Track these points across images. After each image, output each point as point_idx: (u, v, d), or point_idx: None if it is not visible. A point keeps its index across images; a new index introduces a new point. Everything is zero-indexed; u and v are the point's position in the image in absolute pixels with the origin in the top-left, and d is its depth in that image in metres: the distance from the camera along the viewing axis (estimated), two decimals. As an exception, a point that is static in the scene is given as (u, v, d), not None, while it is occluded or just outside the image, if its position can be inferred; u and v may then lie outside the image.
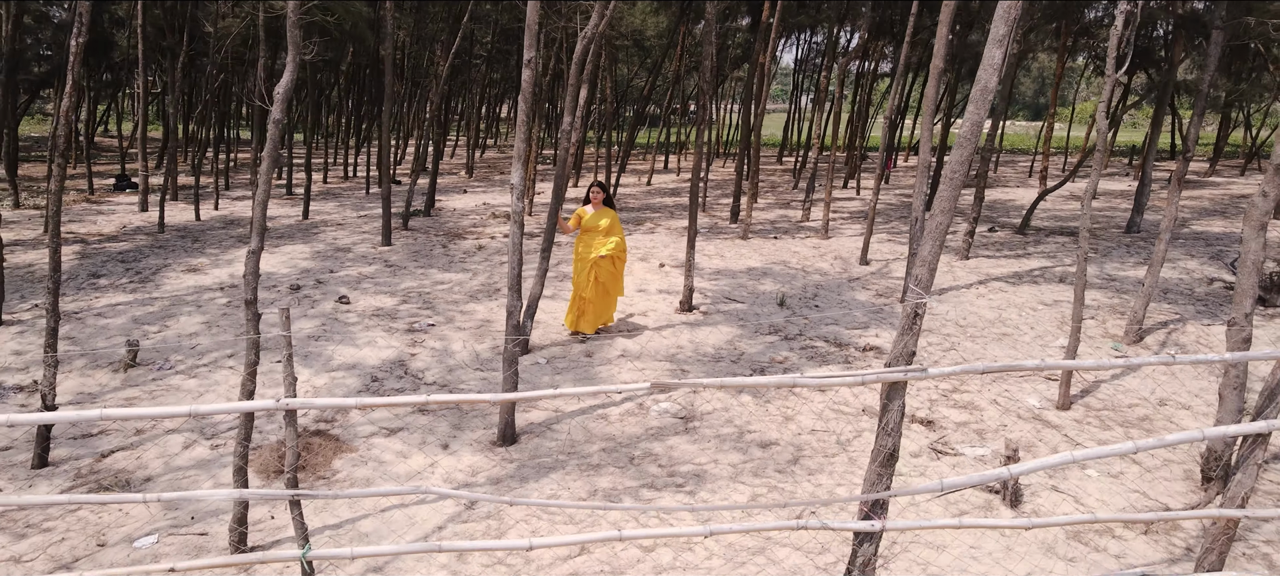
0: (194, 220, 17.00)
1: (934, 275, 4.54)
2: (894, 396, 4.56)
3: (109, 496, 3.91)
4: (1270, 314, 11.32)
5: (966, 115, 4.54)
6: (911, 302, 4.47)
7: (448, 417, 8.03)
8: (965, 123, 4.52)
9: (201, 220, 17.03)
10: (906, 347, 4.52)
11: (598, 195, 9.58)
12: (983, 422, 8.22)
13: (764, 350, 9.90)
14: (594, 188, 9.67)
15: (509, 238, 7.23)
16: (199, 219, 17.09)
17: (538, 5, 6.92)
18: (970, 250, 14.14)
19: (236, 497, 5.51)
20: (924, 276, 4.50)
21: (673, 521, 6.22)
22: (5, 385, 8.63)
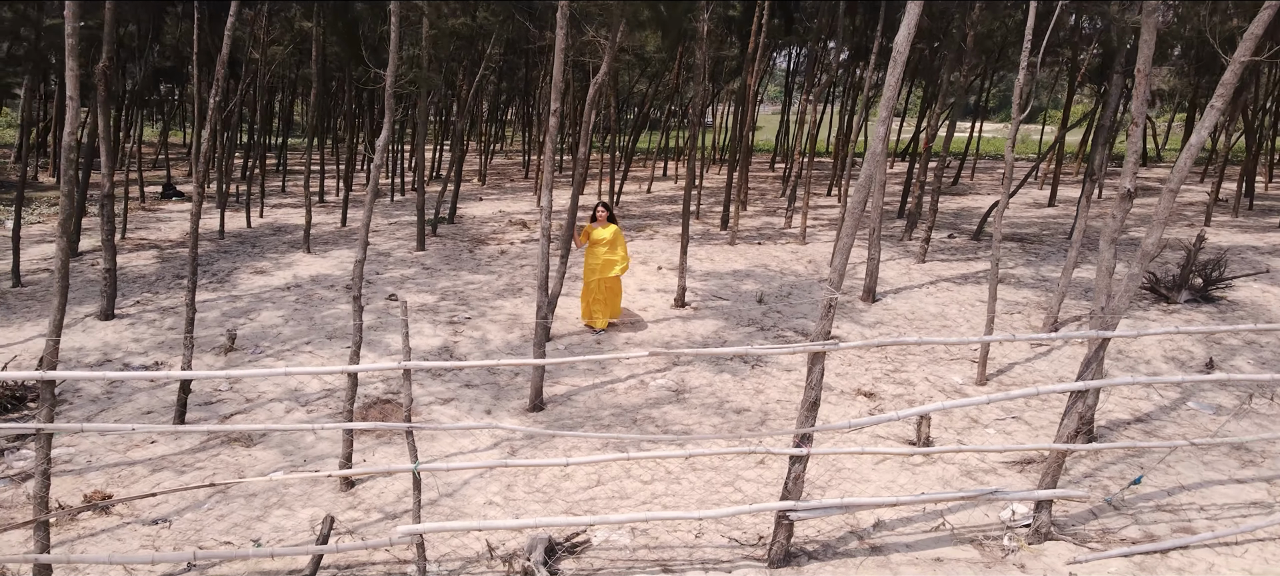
0: (246, 226, 19.00)
1: (843, 277, 6.53)
2: (815, 364, 6.56)
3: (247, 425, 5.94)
4: (1169, 309, 13.34)
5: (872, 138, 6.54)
6: (826, 297, 6.47)
7: (489, 391, 10.06)
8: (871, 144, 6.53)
9: (253, 227, 19.03)
10: (824, 329, 6.51)
11: (603, 215, 11.62)
12: (913, 395, 10.25)
13: (744, 338, 11.92)
14: (600, 208, 11.72)
15: (537, 244, 9.23)
16: (250, 226, 19.09)
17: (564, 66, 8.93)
18: (927, 255, 16.14)
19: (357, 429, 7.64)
20: (835, 278, 6.50)
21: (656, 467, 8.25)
22: (133, 365, 10.66)
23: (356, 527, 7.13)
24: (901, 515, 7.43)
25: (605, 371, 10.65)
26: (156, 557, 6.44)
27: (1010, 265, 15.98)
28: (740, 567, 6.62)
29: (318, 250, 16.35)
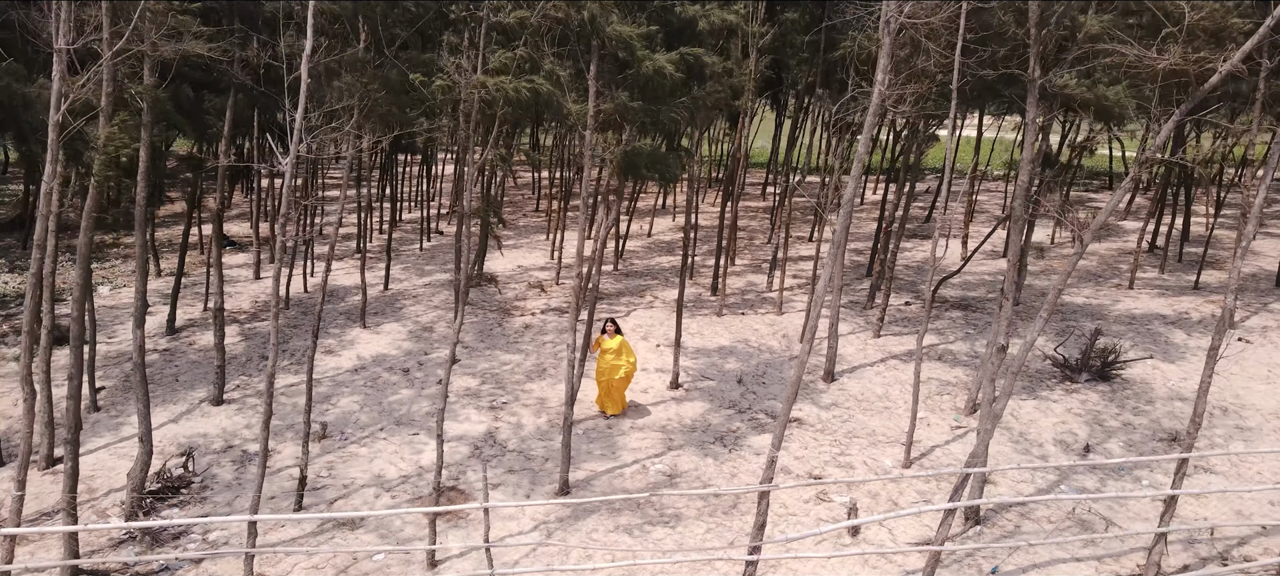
0: (302, 291, 21.88)
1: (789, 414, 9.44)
2: (762, 499, 9.47)
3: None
4: (1071, 389, 16.27)
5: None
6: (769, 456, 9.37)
7: (527, 476, 13.00)
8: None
9: (308, 291, 21.91)
10: (770, 472, 9.42)
11: (611, 328, 14.52)
12: (853, 476, 13.19)
13: (724, 421, 14.87)
14: (609, 323, 14.62)
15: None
16: (306, 290, 21.97)
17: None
18: (881, 329, 19.05)
19: (434, 512, 10.48)
20: (778, 435, 9.40)
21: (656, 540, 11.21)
22: (250, 452, 13.61)
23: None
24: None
25: (616, 457, 13.60)
26: (316, 630, 9.41)
27: (951, 339, 18.89)
28: (712, 634, 9.59)
29: (372, 324, 19.25)
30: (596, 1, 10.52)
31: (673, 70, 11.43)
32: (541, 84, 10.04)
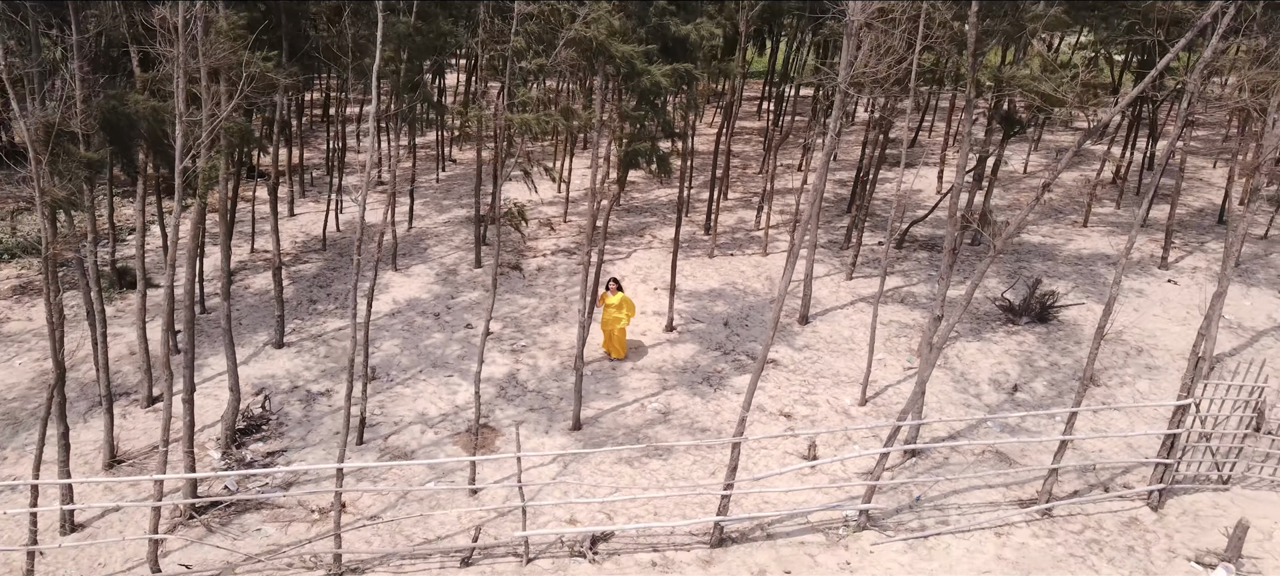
0: (335, 231, 24.12)
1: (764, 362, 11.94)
2: (735, 449, 12.04)
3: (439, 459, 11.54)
4: (1012, 331, 18.75)
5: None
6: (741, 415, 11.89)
7: (546, 414, 15.60)
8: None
9: (340, 231, 24.16)
10: (744, 410, 11.96)
11: (613, 287, 16.85)
12: (815, 415, 15.80)
13: (711, 362, 17.42)
14: (611, 282, 16.95)
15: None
16: (338, 229, 24.21)
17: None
18: (854, 271, 21.38)
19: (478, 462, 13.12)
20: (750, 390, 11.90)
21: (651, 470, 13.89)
22: (313, 392, 16.20)
23: (483, 521, 12.80)
24: (783, 514, 13.10)
25: (619, 397, 16.19)
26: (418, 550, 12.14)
27: (914, 281, 21.26)
28: (695, 548, 12.33)
29: (402, 266, 21.58)
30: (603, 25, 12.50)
31: (667, 82, 13.47)
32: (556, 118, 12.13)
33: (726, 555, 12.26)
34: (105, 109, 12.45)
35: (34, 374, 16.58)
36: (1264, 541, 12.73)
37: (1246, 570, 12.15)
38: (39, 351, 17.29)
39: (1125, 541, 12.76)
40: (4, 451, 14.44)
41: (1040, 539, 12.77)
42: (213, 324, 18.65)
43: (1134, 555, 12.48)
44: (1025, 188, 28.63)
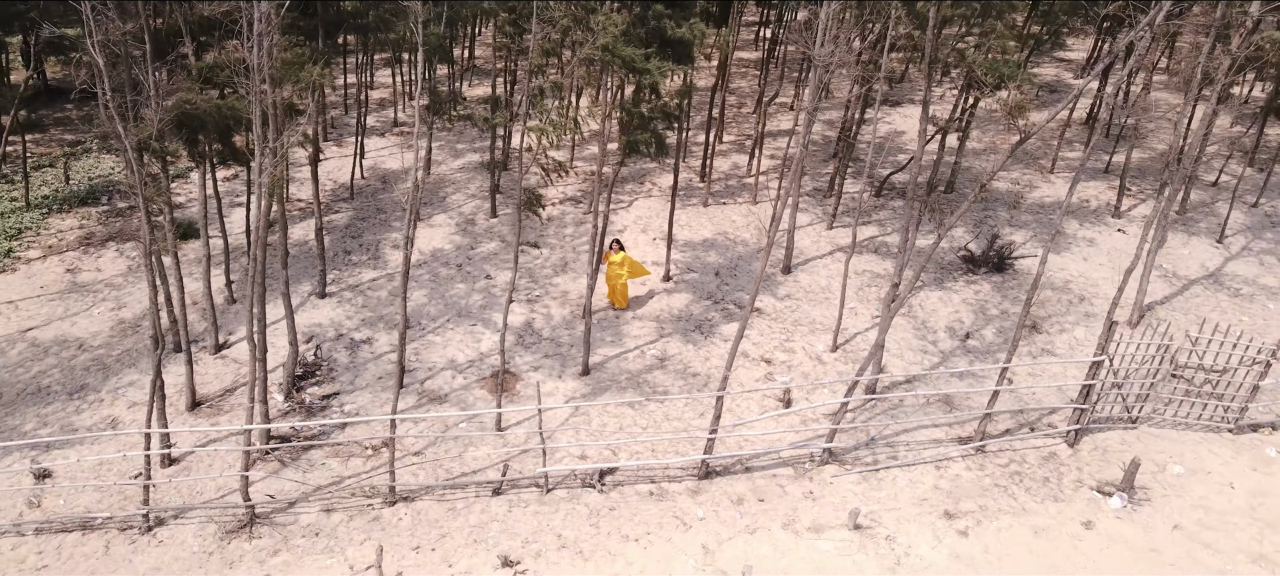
0: (360, 177, 26.12)
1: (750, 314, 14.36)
2: (719, 405, 14.49)
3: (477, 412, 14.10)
4: (971, 280, 21.03)
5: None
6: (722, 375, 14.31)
7: (558, 360, 18.04)
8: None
9: (365, 177, 26.18)
10: (728, 370, 14.40)
11: (615, 247, 19.04)
12: (795, 360, 18.24)
13: (703, 311, 19.77)
14: (614, 243, 19.13)
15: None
16: (362, 176, 26.22)
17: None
18: (834, 220, 23.51)
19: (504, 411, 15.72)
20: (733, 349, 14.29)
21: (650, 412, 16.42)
22: (356, 340, 18.61)
23: (509, 457, 15.37)
24: (760, 452, 15.66)
25: (622, 344, 18.61)
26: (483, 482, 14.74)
27: (890, 230, 23.41)
28: (685, 481, 14.94)
29: (425, 215, 23.72)
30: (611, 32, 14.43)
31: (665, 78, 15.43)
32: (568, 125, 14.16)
33: (711, 486, 14.87)
34: (180, 111, 14.47)
35: (112, 322, 18.98)
36: (1158, 473, 15.32)
37: (1138, 498, 14.76)
38: (112, 301, 19.65)
39: (1042, 473, 15.36)
40: (99, 393, 16.95)
41: (972, 471, 15.37)
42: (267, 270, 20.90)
43: (1048, 485, 15.09)
44: (1002, 130, 30.42)
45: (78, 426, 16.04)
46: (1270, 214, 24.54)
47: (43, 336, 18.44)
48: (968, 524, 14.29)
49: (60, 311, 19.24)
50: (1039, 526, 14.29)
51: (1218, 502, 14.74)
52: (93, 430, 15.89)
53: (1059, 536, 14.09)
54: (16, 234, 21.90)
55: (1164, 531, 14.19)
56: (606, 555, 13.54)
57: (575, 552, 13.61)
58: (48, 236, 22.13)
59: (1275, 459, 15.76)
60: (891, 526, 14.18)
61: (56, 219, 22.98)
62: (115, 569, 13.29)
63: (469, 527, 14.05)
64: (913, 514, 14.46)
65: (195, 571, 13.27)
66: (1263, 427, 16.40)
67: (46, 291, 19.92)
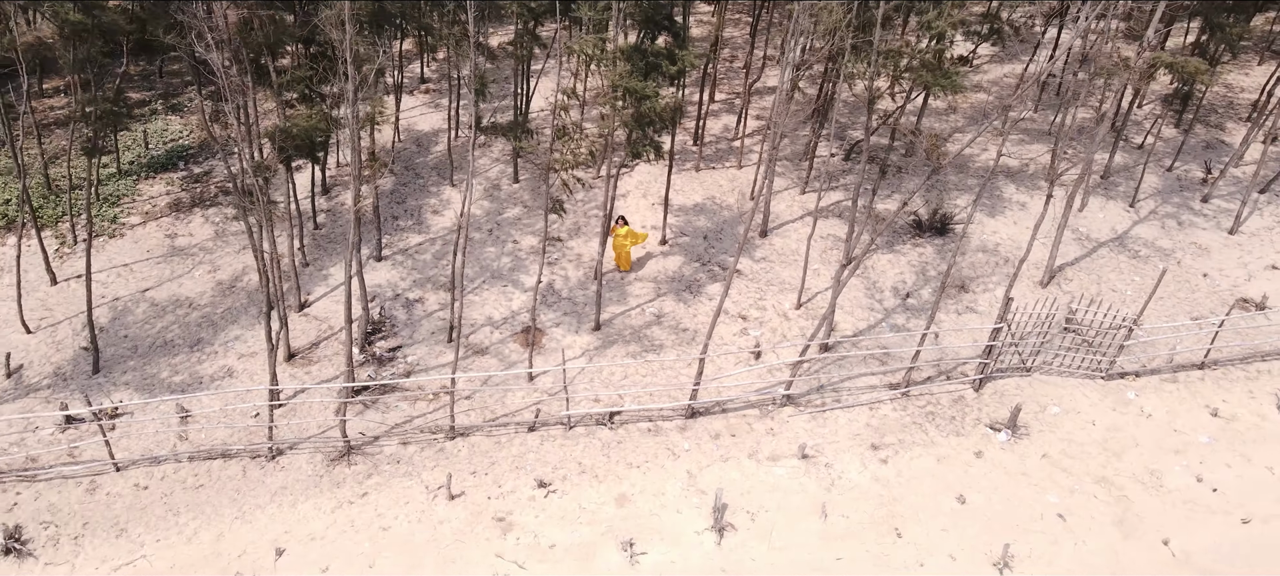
0: (398, 141, 29.85)
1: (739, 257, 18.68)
2: (700, 368, 18.85)
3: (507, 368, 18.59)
4: (917, 243, 25.10)
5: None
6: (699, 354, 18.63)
7: (575, 315, 22.34)
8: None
9: (402, 141, 29.90)
10: (708, 339, 18.74)
11: (620, 223, 23.05)
12: (766, 316, 22.55)
13: (692, 273, 23.96)
14: (619, 218, 23.12)
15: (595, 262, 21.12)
16: (400, 140, 29.93)
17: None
18: (807, 185, 27.38)
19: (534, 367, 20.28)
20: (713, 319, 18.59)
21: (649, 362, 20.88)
22: (410, 299, 22.89)
23: (540, 402, 19.85)
24: (734, 397, 20.13)
25: (626, 303, 22.88)
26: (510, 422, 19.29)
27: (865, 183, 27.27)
28: (675, 420, 19.47)
29: (457, 181, 27.61)
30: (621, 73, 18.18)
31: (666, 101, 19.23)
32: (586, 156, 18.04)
33: (695, 424, 19.40)
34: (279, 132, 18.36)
35: (211, 283, 23.21)
36: (1039, 413, 19.83)
37: (1020, 432, 19.28)
38: (208, 264, 23.81)
39: (950, 413, 19.87)
40: (213, 346, 21.34)
41: (897, 412, 19.87)
42: (326, 237, 25.06)
43: (953, 422, 19.63)
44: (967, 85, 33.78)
45: (202, 375, 20.50)
46: (1182, 177, 28.40)
47: (158, 296, 22.71)
48: (888, 454, 18.88)
49: (167, 273, 23.46)
50: (942, 455, 18.88)
51: (1080, 436, 19.29)
52: (214, 378, 20.37)
53: (955, 463, 18.69)
54: (116, 200, 25.90)
55: (1034, 459, 18.78)
56: (615, 478, 18.17)
57: (592, 476, 18.24)
58: (142, 203, 26.13)
59: (1133, 400, 20.25)
60: (830, 456, 18.77)
61: (145, 184, 26.90)
62: (253, 488, 17.95)
63: (512, 457, 18.65)
64: (847, 446, 19.03)
65: (312, 489, 17.93)
66: (1128, 375, 20.83)
67: (152, 255, 24.08)
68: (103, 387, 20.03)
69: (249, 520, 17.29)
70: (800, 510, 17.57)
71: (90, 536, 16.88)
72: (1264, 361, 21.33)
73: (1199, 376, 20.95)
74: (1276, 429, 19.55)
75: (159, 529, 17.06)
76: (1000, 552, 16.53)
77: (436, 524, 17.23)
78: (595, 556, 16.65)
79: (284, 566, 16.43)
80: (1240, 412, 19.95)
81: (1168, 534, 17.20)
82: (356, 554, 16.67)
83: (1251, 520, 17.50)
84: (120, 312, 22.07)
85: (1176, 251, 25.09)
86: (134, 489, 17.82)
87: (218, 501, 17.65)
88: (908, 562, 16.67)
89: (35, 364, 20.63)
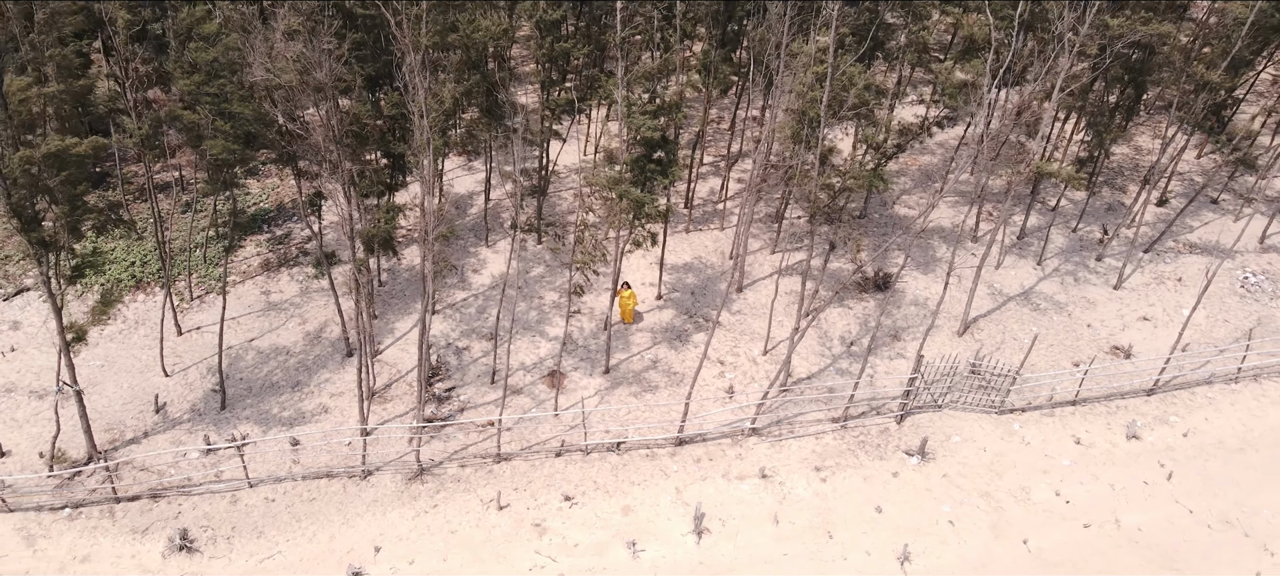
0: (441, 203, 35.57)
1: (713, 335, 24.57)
2: (686, 411, 24.71)
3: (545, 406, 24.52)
4: (862, 298, 30.86)
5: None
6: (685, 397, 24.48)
7: (589, 361, 28.18)
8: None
9: (441, 201, 35.60)
10: (692, 387, 24.59)
11: (625, 287, 28.80)
12: (738, 361, 28.39)
13: (681, 324, 29.78)
14: (624, 283, 28.88)
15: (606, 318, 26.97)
16: (441, 200, 35.64)
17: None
18: (777, 245, 33.08)
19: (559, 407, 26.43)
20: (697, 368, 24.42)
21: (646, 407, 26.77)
22: (459, 347, 28.71)
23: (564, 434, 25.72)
24: (711, 430, 25.99)
25: (629, 350, 28.71)
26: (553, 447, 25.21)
27: (816, 254, 33.07)
28: (667, 448, 25.33)
29: (492, 242, 33.34)
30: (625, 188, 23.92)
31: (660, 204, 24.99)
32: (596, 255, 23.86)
33: (682, 451, 25.27)
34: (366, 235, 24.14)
35: (301, 333, 29.02)
36: (944, 442, 25.68)
37: (928, 457, 25.12)
38: (298, 317, 29.62)
39: (876, 441, 25.72)
40: (309, 387, 27.16)
41: (836, 440, 25.72)
42: (389, 294, 30.87)
43: (878, 449, 25.47)
44: (915, 149, 39.50)
45: (303, 411, 26.35)
46: (1083, 237, 34.14)
47: (262, 345, 28.56)
48: (827, 474, 24.74)
49: (266, 326, 29.30)
50: (867, 475, 24.74)
51: (972, 460, 25.15)
52: (313, 414, 26.22)
53: (877, 481, 24.56)
54: (216, 262, 31.69)
55: (937, 478, 24.65)
56: (621, 493, 24.05)
57: (604, 491, 24.12)
58: (238, 263, 31.92)
59: (1017, 431, 26.09)
60: (784, 476, 24.63)
61: (238, 246, 32.70)
62: (352, 501, 23.84)
63: (544, 476, 24.52)
64: (796, 468, 24.89)
65: (396, 502, 23.81)
66: (1016, 411, 26.67)
67: (252, 309, 29.91)
68: (230, 421, 25.89)
69: (352, 525, 23.18)
70: (759, 518, 23.45)
71: (238, 537, 22.77)
72: (1123, 399, 27.16)
73: (1071, 411, 26.79)
74: (1124, 454, 25.41)
75: (287, 531, 22.95)
76: (902, 550, 22.42)
77: (490, 528, 23.12)
78: (607, 552, 22.53)
79: (381, 560, 22.32)
80: (1098, 441, 25.80)
81: (1028, 536, 23.08)
82: (433, 550, 22.56)
83: (1091, 525, 23.37)
84: (235, 359, 27.92)
85: (1070, 305, 30.89)
86: (264, 501, 23.71)
87: (327, 511, 23.53)
88: (835, 557, 22.56)
89: (175, 402, 26.49)
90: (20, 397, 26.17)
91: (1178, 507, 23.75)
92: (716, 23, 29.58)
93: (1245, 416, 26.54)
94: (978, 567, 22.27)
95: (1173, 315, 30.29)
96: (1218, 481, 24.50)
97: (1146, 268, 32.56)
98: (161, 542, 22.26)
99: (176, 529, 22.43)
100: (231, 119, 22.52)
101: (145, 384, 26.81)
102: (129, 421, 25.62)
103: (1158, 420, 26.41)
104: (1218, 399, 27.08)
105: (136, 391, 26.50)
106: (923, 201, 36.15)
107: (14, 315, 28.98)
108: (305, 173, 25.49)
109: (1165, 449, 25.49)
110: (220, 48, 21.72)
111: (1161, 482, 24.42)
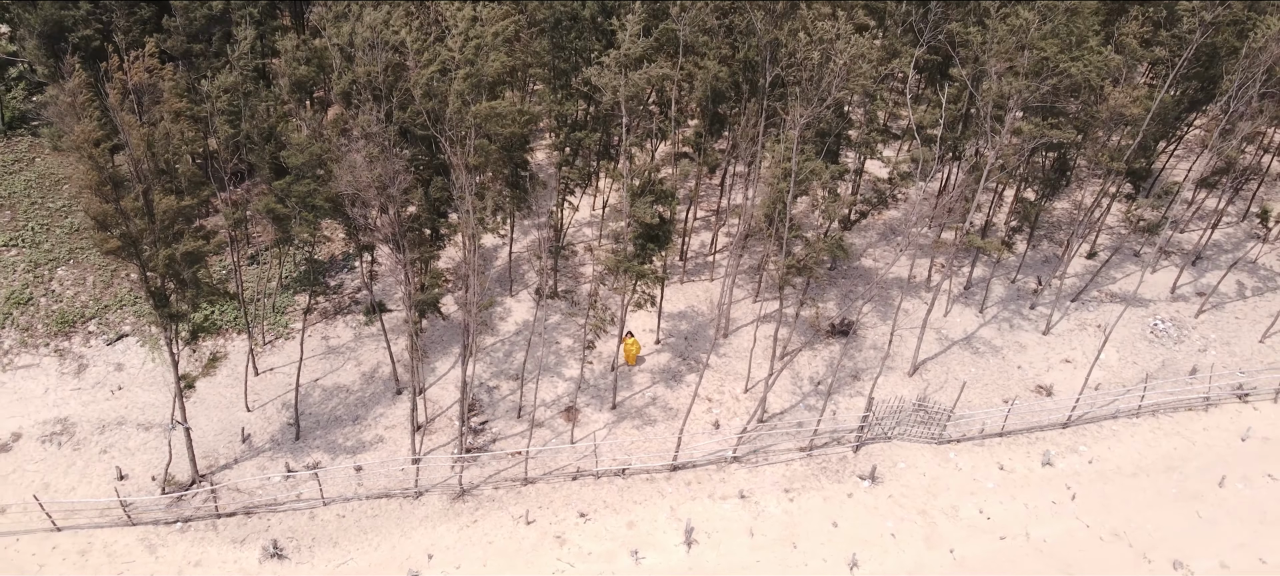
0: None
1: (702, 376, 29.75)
2: (679, 445, 29.87)
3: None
4: (830, 342, 36.02)
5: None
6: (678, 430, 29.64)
7: (599, 398, 33.35)
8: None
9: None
10: (684, 422, 29.75)
11: (629, 336, 33.93)
12: (723, 398, 33.56)
13: (676, 365, 34.94)
14: (628, 332, 34.02)
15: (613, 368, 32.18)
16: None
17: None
18: (758, 294, 38.19)
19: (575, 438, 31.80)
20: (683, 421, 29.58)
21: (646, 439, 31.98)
22: (491, 386, 33.88)
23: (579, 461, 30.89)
24: (700, 458, 31.14)
25: (632, 388, 33.89)
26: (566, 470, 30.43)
27: (790, 303, 38.24)
28: (663, 473, 30.52)
29: (515, 292, 38.50)
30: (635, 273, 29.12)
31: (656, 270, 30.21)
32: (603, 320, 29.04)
33: (676, 476, 30.42)
34: (418, 301, 29.34)
35: (357, 374, 34.19)
36: (892, 467, 30.83)
37: (877, 481, 30.27)
38: (354, 360, 34.79)
39: (836, 467, 30.87)
40: (366, 420, 32.33)
41: (803, 466, 30.88)
42: (429, 339, 36.05)
43: (837, 474, 30.61)
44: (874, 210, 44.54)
45: (363, 441, 31.52)
46: (1021, 287, 39.30)
47: (325, 384, 33.74)
48: (794, 494, 29.89)
49: (327, 367, 34.47)
50: (827, 496, 29.90)
51: (914, 483, 30.30)
52: (371, 443, 31.39)
53: (834, 501, 29.71)
54: (283, 310, 36.87)
55: (884, 498, 29.79)
56: (626, 511, 29.21)
57: (612, 509, 29.28)
58: (297, 312, 37.11)
59: (951, 459, 31.25)
60: (759, 497, 29.79)
61: (299, 297, 37.88)
62: (407, 517, 28.99)
63: (562, 497, 29.69)
64: (769, 489, 30.04)
65: (443, 518, 28.96)
66: (952, 442, 31.83)
67: (314, 353, 35.08)
68: (304, 449, 31.08)
69: (409, 537, 28.35)
70: (737, 531, 28.60)
71: (317, 547, 27.95)
72: (1042, 431, 32.30)
73: (998, 441, 31.94)
74: (1038, 478, 30.56)
75: (357, 542, 28.13)
76: (851, 558, 27.57)
77: (520, 539, 28.30)
78: (615, 559, 27.70)
79: (434, 565, 27.50)
80: (1018, 467, 30.95)
81: (954, 546, 28.22)
82: (475, 558, 27.74)
83: (1006, 537, 28.53)
84: (303, 396, 33.11)
85: (1004, 348, 36.04)
86: (336, 517, 28.89)
87: (387, 525, 28.71)
88: (799, 564, 27.72)
89: (257, 433, 31.67)
90: (130, 429, 31.35)
91: (1078, 522, 28.90)
92: (704, 114, 34.73)
93: (1141, 447, 31.70)
94: (913, 571, 27.43)
95: (1091, 358, 35.44)
96: (1113, 501, 29.65)
97: (1072, 315, 37.72)
98: (257, 551, 27.43)
99: (269, 539, 27.59)
100: (314, 209, 27.71)
101: (232, 418, 31.99)
102: (221, 449, 30.80)
103: (1069, 449, 31.56)
104: (1120, 431, 32.24)
105: (225, 424, 31.68)
106: (887, 255, 41.28)
107: (118, 357, 34.18)
108: (367, 246, 30.66)
109: (1073, 474, 30.64)
110: (308, 154, 26.90)
111: (1067, 502, 29.57)
